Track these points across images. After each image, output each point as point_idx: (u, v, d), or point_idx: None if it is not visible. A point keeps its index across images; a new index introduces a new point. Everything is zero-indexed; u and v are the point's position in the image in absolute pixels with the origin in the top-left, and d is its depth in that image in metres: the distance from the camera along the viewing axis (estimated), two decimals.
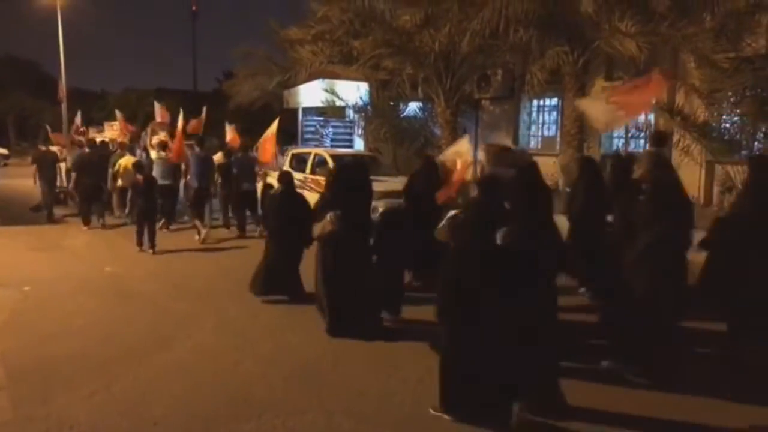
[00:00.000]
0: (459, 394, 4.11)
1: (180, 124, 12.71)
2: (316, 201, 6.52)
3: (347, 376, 4.89)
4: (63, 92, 23.52)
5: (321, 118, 20.70)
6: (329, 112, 18.66)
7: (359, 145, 18.24)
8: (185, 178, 11.86)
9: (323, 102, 17.57)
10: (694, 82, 10.62)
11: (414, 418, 4.25)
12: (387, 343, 5.61)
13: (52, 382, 4.73)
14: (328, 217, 5.85)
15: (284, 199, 7.06)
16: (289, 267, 6.92)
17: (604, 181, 6.50)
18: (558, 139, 14.03)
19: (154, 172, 10.86)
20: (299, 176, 11.04)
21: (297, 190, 7.49)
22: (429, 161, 8.11)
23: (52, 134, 18.43)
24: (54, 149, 15.08)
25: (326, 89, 17.05)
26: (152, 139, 14.04)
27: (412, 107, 16.26)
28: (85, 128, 20.12)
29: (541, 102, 15.49)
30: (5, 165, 30.55)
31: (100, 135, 19.53)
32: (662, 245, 4.65)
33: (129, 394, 4.56)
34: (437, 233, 4.56)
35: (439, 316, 4.25)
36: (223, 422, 4.14)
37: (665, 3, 9.56)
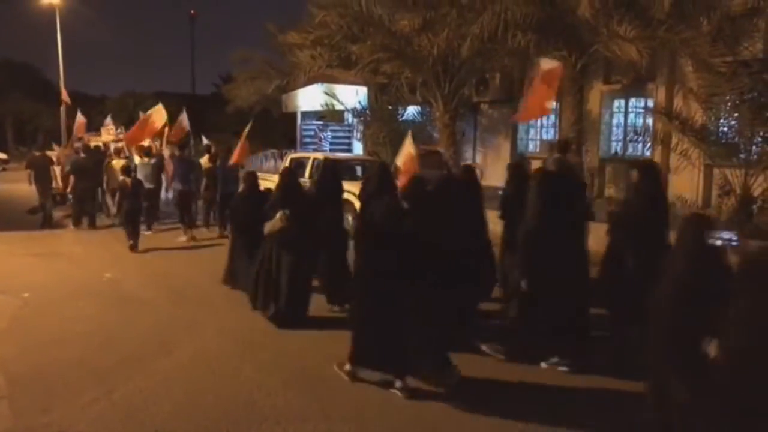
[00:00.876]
0: (364, 353, 4.75)
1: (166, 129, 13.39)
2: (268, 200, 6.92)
3: (347, 383, 4.89)
4: (66, 96, 23.46)
5: (320, 122, 20.71)
6: (328, 116, 18.67)
7: (358, 149, 18.24)
8: (170, 182, 12.34)
9: (322, 106, 17.58)
10: (692, 86, 10.66)
11: (414, 425, 4.26)
12: None
13: (53, 390, 4.74)
14: (278, 216, 6.22)
15: (249, 199, 7.41)
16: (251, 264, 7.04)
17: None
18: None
19: (139, 175, 11.33)
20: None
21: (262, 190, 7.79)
22: (382, 166, 8.38)
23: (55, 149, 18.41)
24: (49, 153, 15.26)
25: (325, 93, 17.07)
26: (137, 145, 14.45)
27: (411, 111, 16.27)
28: (85, 135, 20.11)
29: None
30: (4, 170, 30.46)
31: (96, 139, 19.58)
32: (537, 237, 5.00)
33: (130, 401, 4.56)
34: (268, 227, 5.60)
35: (354, 289, 4.83)
36: (225, 430, 4.14)
37: (664, 7, 9.59)
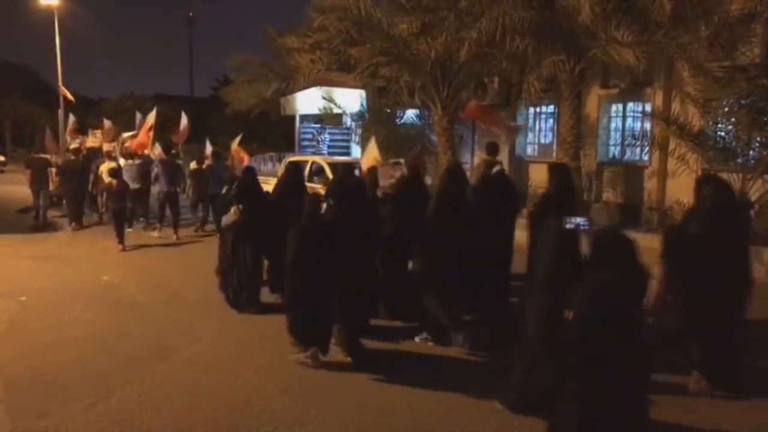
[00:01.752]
0: (300, 330, 5.44)
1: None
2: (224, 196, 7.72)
3: (345, 388, 4.90)
4: (67, 93, 23.41)
5: (318, 125, 20.73)
6: (326, 120, 18.68)
7: (356, 153, 18.25)
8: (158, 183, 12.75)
9: (320, 109, 17.59)
10: (690, 91, 10.68)
11: (412, 430, 4.26)
12: (385, 355, 5.64)
13: (50, 394, 4.73)
14: (233, 210, 6.99)
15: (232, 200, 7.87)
16: (250, 271, 7.20)
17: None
18: (555, 147, 14.07)
19: (125, 177, 11.79)
20: None
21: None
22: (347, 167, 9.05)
23: (51, 140, 18.52)
24: (46, 156, 16.22)
25: (324, 96, 17.08)
26: (122, 148, 15.29)
27: (409, 114, 16.29)
28: (79, 135, 20.15)
29: (538, 109, 15.53)
30: (1, 172, 30.41)
31: (91, 142, 19.85)
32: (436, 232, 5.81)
33: (127, 406, 4.56)
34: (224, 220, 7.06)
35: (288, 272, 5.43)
36: None
37: (662, 12, 9.61)
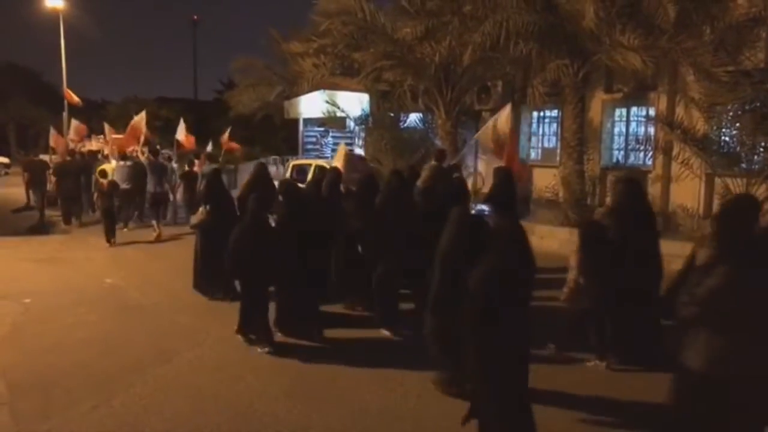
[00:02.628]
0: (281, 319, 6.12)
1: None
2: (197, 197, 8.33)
3: (348, 392, 4.89)
4: (76, 98, 23.52)
5: (321, 129, 20.73)
6: (330, 123, 18.67)
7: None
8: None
9: (324, 113, 17.57)
10: (694, 96, 10.65)
11: None
12: (387, 359, 5.61)
13: (54, 396, 4.74)
14: (201, 210, 7.61)
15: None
16: (215, 264, 7.17)
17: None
18: (558, 151, 14.05)
19: (116, 177, 12.35)
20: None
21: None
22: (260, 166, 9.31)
23: (57, 138, 18.90)
24: (45, 159, 17.23)
25: (327, 100, 17.08)
26: (111, 149, 16.04)
27: (413, 118, 16.28)
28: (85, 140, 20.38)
29: (542, 113, 15.52)
30: (6, 174, 30.52)
31: (90, 144, 20.13)
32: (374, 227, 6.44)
33: (130, 408, 4.56)
34: (193, 219, 7.82)
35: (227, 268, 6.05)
36: None
37: (669, 17, 9.59)
